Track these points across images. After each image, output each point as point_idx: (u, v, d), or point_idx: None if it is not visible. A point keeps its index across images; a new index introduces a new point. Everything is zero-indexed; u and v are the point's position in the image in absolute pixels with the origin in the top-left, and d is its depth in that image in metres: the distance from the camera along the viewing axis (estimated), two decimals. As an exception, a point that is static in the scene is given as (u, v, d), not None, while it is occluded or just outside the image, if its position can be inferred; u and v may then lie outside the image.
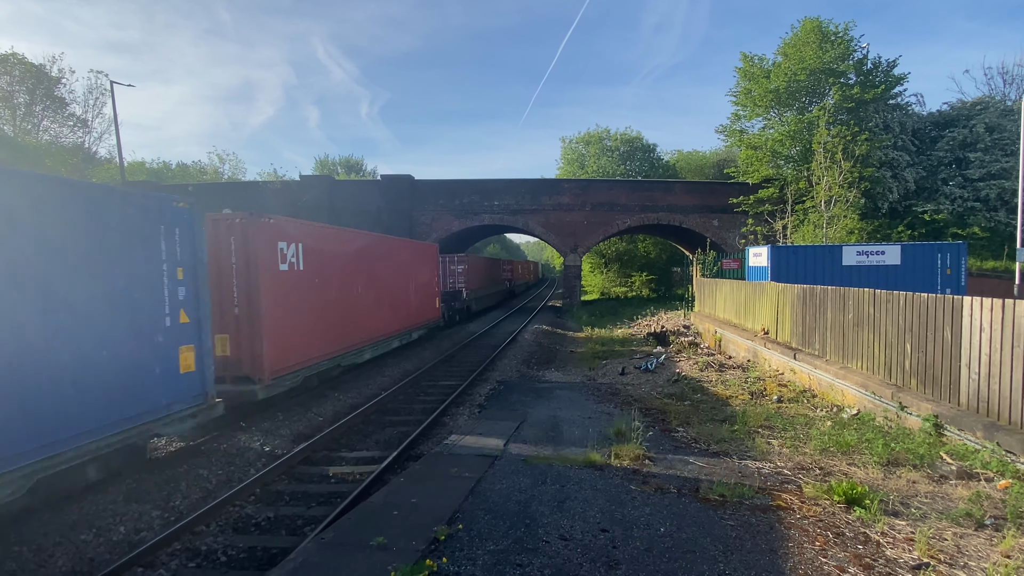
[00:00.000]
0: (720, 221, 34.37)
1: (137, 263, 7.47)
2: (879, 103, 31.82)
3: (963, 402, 7.69)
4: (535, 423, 9.79)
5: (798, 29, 32.41)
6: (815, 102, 32.29)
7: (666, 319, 24.93)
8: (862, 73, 31.76)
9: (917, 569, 4.67)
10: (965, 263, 19.83)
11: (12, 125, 31.91)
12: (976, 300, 7.55)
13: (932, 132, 33.63)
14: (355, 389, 13.59)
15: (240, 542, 6.39)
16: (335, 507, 7.02)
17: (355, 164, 72.32)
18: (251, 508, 7.29)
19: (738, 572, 4.66)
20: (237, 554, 6.16)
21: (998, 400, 7.06)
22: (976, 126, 32.41)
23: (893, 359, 9.31)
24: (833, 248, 20.60)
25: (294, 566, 4.85)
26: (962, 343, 7.73)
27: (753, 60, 33.92)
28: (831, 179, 27.72)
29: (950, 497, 6.17)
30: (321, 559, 4.95)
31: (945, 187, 32.05)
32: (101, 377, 6.81)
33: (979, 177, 31.71)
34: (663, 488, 6.56)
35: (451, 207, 34.70)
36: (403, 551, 5.00)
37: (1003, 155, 31.60)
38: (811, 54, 31.01)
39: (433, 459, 7.86)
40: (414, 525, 5.55)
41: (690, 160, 56.03)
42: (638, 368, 15.28)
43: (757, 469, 7.38)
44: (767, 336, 14.64)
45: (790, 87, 31.82)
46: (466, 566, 4.76)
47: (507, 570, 4.69)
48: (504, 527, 5.51)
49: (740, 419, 9.57)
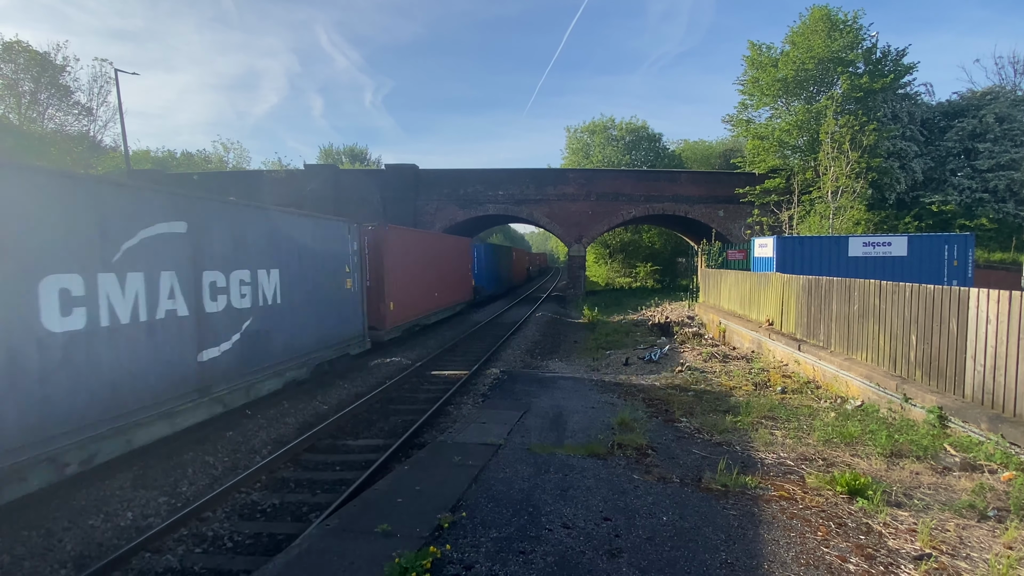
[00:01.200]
0: (726, 212, 34.20)
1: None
2: (888, 93, 31.49)
3: (968, 394, 7.67)
4: (539, 413, 9.81)
5: (806, 17, 32.06)
6: (823, 91, 31.97)
7: (670, 310, 24.90)
8: (871, 62, 31.43)
9: (919, 559, 4.68)
10: (972, 255, 19.72)
11: (17, 113, 31.92)
12: (983, 292, 7.51)
13: (941, 122, 33.31)
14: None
15: (246, 528, 6.46)
16: (340, 494, 7.09)
17: (359, 153, 72.05)
18: (257, 494, 7.37)
19: (740, 561, 4.68)
20: (243, 540, 6.23)
21: (1003, 392, 7.04)
22: (986, 116, 32.08)
23: (898, 351, 9.29)
24: (839, 239, 20.51)
25: (299, 552, 4.90)
26: (968, 335, 7.70)
27: (761, 48, 33.57)
28: (838, 169, 27.53)
29: (953, 488, 6.18)
30: (326, 545, 5.00)
31: (953, 178, 31.79)
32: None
33: (988, 168, 31.44)
34: (666, 478, 6.59)
35: (455, 197, 34.62)
36: (407, 538, 5.04)
37: (1012, 146, 31.31)
38: (819, 43, 30.67)
39: (437, 448, 7.90)
40: (418, 512, 5.59)
41: (696, 150, 55.65)
42: (642, 359, 15.29)
43: (760, 459, 7.40)
44: (772, 327, 14.62)
45: (798, 76, 31.49)
46: (469, 553, 4.80)
47: (510, 557, 4.72)
48: (507, 515, 5.55)
49: (744, 410, 9.58)
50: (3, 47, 30.94)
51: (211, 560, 5.78)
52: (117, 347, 6.99)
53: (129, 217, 7.31)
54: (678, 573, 4.49)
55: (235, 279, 9.42)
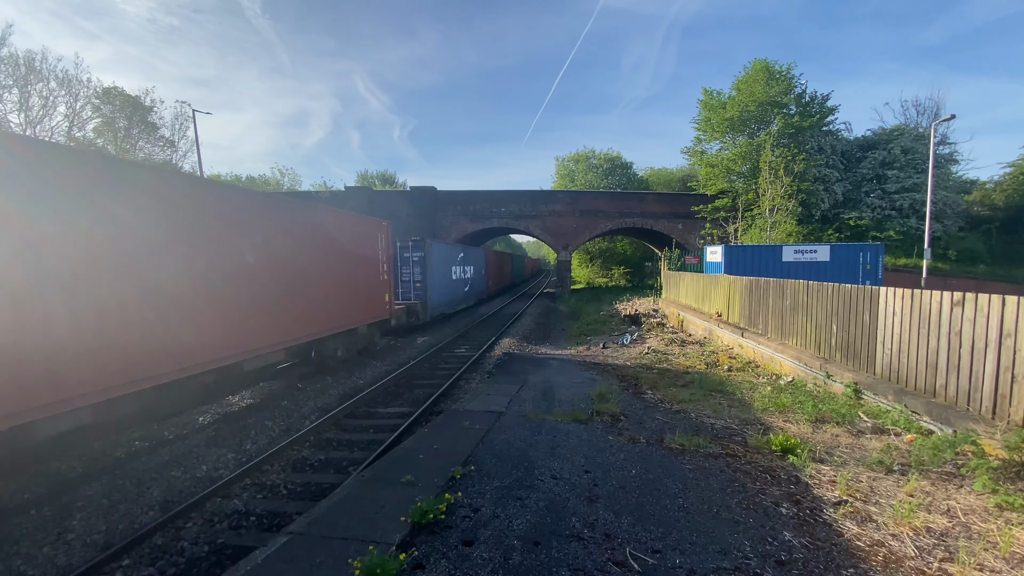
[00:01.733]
0: (684, 225, 34.10)
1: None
2: (815, 129, 31.39)
3: (878, 372, 7.67)
4: (533, 386, 9.79)
5: (749, 68, 31.92)
6: (762, 128, 31.87)
7: (639, 304, 24.85)
8: (801, 105, 31.31)
9: (838, 505, 4.68)
10: (882, 260, 19.69)
11: (114, 145, 31.81)
12: (890, 290, 7.50)
13: (857, 153, 33.18)
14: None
15: (298, 479, 6.46)
16: (373, 452, 7.08)
17: (389, 177, 71.75)
18: (307, 451, 7.37)
19: (694, 505, 4.68)
20: (295, 488, 6.23)
21: (906, 371, 7.04)
22: (894, 148, 31.96)
23: (822, 337, 9.28)
24: (775, 247, 20.47)
25: (340, 498, 4.90)
26: (878, 324, 7.69)
27: (712, 94, 33.47)
28: (774, 191, 27.49)
29: (866, 448, 6.17)
30: (362, 492, 5.00)
31: (867, 198, 31.70)
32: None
33: (895, 190, 31.33)
34: (634, 439, 6.58)
35: (466, 213, 34.53)
36: (427, 486, 5.04)
37: (915, 172, 31.20)
38: (760, 89, 30.57)
39: (451, 414, 7.88)
40: (436, 466, 5.59)
41: (660, 175, 55.31)
42: (616, 343, 15.26)
43: (711, 424, 7.39)
44: (720, 318, 14.60)
45: (742, 116, 31.43)
46: (477, 499, 4.80)
47: (509, 503, 4.72)
48: (507, 468, 5.54)
49: (697, 384, 9.57)
50: (103, 92, 30.84)
51: (269, 504, 5.80)
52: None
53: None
54: (644, 515, 4.49)
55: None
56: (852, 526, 4.33)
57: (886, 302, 7.53)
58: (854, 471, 5.44)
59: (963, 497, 4.75)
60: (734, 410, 8.06)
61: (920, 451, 5.60)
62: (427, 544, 4.02)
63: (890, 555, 3.90)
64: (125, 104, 31.98)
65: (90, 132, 30.96)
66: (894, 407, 6.91)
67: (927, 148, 30.65)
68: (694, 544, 4.02)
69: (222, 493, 5.99)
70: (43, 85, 27.30)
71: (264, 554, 3.93)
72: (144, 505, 5.69)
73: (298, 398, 9.74)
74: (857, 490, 4.98)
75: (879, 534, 4.20)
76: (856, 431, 6.77)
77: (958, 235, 32.83)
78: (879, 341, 7.65)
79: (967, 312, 6.02)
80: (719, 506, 4.66)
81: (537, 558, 3.81)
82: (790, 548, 3.97)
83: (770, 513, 4.54)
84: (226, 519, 5.48)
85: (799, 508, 4.64)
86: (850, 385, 7.80)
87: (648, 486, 5.09)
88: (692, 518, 4.44)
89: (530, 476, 5.33)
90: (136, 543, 4.92)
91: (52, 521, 5.31)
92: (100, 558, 4.61)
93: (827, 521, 4.42)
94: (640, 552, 3.90)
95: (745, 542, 4.04)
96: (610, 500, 4.78)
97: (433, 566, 3.74)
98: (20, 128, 26.84)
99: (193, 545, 4.99)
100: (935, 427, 6.19)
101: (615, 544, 4.01)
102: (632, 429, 7.06)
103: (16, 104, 26.81)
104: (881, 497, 4.84)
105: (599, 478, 5.29)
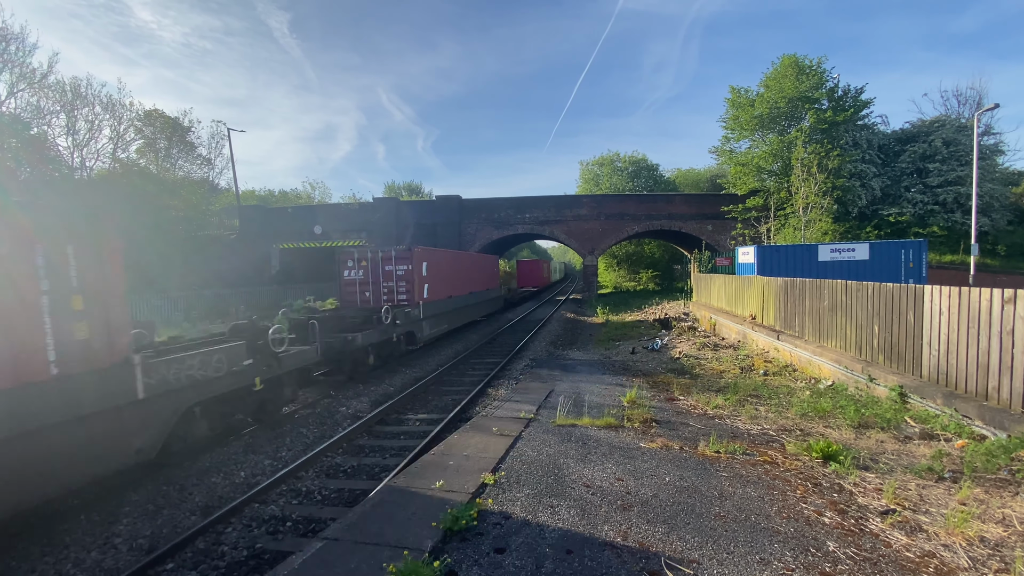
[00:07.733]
0: (713, 226, 33.45)
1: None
2: (849, 124, 30.38)
3: (925, 375, 7.33)
4: (561, 392, 9.72)
5: (778, 64, 31.18)
6: (793, 125, 31.04)
7: (669, 308, 24.47)
8: (833, 99, 30.38)
9: (885, 514, 4.48)
10: (926, 257, 18.83)
11: (155, 164, 33.34)
12: (936, 288, 7.18)
13: (895, 147, 31.97)
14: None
15: (332, 484, 6.58)
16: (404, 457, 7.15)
17: (415, 188, 72.88)
18: (340, 458, 7.50)
19: (731, 513, 4.55)
20: (329, 494, 6.35)
21: (955, 372, 6.71)
22: (934, 141, 30.66)
23: (863, 339, 8.93)
24: (810, 247, 19.83)
25: (373, 504, 4.97)
26: (923, 324, 7.37)
27: (740, 92, 32.79)
28: (808, 189, 26.69)
29: (914, 454, 5.90)
30: (394, 498, 5.05)
31: (907, 193, 30.45)
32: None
33: (938, 184, 30.02)
34: (668, 445, 6.46)
35: (491, 220, 34.72)
36: (458, 492, 5.06)
37: (958, 164, 29.83)
38: (789, 85, 29.81)
39: (479, 421, 7.90)
40: (466, 472, 5.61)
41: (687, 176, 54.54)
42: (646, 348, 15.05)
43: (747, 430, 7.20)
44: (754, 321, 14.22)
45: (772, 113, 30.68)
46: (508, 506, 4.79)
47: (541, 510, 4.70)
48: (538, 475, 5.52)
49: (732, 389, 9.34)
50: (145, 115, 32.40)
51: (305, 510, 5.91)
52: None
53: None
54: (679, 524, 4.40)
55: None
56: (901, 536, 4.13)
57: (932, 301, 7.21)
58: (901, 478, 5.20)
59: (1019, 505, 4.48)
60: (771, 415, 7.82)
61: (973, 457, 5.33)
62: (459, 551, 4.03)
63: (942, 566, 3.71)
64: (166, 125, 33.45)
65: (133, 153, 32.50)
66: (943, 411, 6.59)
67: (970, 139, 29.33)
68: (732, 554, 3.91)
69: (260, 499, 6.15)
70: (88, 110, 28.78)
71: (301, 559, 4.01)
72: (186, 510, 5.89)
73: (330, 405, 9.94)
74: (905, 498, 4.76)
75: (930, 544, 4.00)
76: (902, 436, 6.48)
77: (1007, 229, 31.17)
78: (925, 342, 7.32)
79: (1019, 310, 5.71)
80: (757, 515, 4.53)
81: (570, 567, 3.77)
82: (835, 559, 3.81)
83: (812, 522, 4.38)
84: (264, 524, 5.62)
85: (843, 517, 4.46)
86: (895, 388, 7.48)
87: (683, 494, 4.99)
88: (729, 527, 4.32)
89: (561, 483, 5.29)
90: (179, 547, 5.09)
91: (100, 525, 5.55)
92: (145, 562, 4.79)
93: (874, 531, 4.23)
94: (676, 562, 3.81)
95: (786, 552, 3.91)
96: (644, 508, 4.69)
97: (466, 573, 3.74)
98: (67, 151, 28.37)
99: (233, 549, 5.13)
100: (988, 431, 5.87)
101: (650, 553, 3.93)
102: (665, 435, 6.93)
103: (64, 128, 28.35)
104: (931, 506, 4.61)
105: (631, 486, 5.20)
